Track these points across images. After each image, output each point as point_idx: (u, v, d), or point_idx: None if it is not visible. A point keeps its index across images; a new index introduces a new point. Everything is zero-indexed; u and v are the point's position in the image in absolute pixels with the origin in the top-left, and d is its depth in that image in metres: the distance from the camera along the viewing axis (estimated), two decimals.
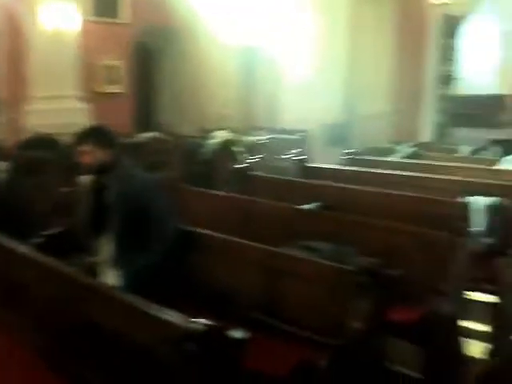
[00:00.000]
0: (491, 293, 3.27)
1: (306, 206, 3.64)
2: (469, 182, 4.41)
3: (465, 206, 3.51)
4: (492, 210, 3.42)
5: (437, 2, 8.92)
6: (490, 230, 3.39)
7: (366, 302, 2.15)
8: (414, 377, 2.82)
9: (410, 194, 4.00)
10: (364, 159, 5.85)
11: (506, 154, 5.92)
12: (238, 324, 1.79)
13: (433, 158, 6.03)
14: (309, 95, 8.70)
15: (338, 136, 8.43)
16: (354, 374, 2.23)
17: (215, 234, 2.92)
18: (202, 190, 4.21)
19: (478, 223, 3.45)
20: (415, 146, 6.61)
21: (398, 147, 6.51)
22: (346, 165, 5.65)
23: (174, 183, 3.89)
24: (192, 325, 1.70)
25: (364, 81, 9.28)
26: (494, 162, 5.73)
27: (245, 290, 2.59)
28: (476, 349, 3.23)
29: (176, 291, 2.61)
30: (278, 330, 2.41)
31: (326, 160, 6.41)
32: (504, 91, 14.66)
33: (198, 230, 2.96)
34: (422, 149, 6.67)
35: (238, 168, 4.86)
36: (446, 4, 9.12)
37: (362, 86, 9.25)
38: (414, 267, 2.84)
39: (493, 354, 3.20)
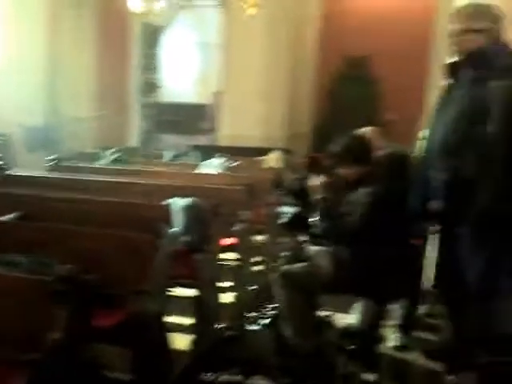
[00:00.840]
0: (192, 287, 3.54)
1: (3, 218, 3.37)
2: (171, 185, 4.66)
3: (166, 209, 3.71)
4: (189, 210, 3.67)
5: (137, 11, 9.16)
6: (188, 229, 3.64)
7: (66, 311, 2.10)
8: (126, 379, 2.87)
9: (115, 199, 4.05)
10: (69, 165, 5.69)
11: (204, 158, 6.43)
12: None
13: (138, 164, 6.20)
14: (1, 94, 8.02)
15: (41, 140, 7.98)
16: None
17: None
18: None
19: (178, 223, 3.67)
20: (121, 151, 6.68)
21: (104, 153, 6.51)
22: (50, 171, 5.42)
23: None
24: None
25: (70, 84, 9.02)
26: (194, 167, 6.17)
27: None
28: (182, 341, 3.44)
29: None
30: None
31: (31, 166, 6.05)
32: (203, 100, 15.93)
33: None
34: (128, 154, 6.80)
35: None
36: (146, 14, 9.44)
37: (67, 89, 8.97)
38: (118, 271, 2.88)
39: (196, 344, 3.45)
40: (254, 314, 3.84)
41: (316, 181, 3.38)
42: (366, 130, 3.63)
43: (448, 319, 3.34)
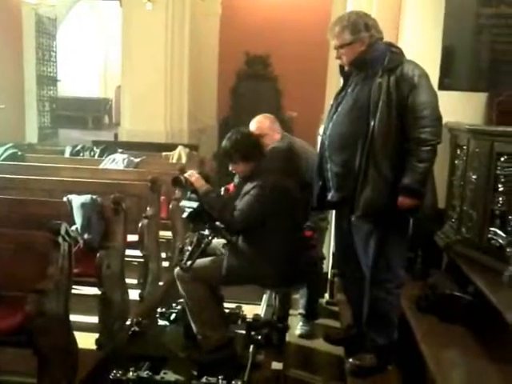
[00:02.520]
0: (96, 285, 3.47)
1: None
2: (72, 181, 4.54)
3: (65, 205, 3.62)
4: (88, 207, 3.59)
5: (32, 2, 8.75)
6: (88, 226, 3.57)
7: None
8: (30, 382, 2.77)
9: (12, 197, 3.90)
10: None
11: (107, 154, 6.28)
12: None
13: (37, 160, 5.96)
14: None
15: None
16: None
17: None
18: None
19: (79, 220, 3.59)
20: (18, 147, 6.37)
21: None
22: None
23: None
24: None
25: None
26: (96, 162, 6.02)
27: None
28: (88, 340, 3.37)
29: None
30: None
31: None
32: (107, 95, 15.52)
33: None
34: (26, 151, 6.51)
35: None
36: (41, 4, 9.03)
37: None
38: (15, 270, 2.80)
39: (100, 343, 3.40)
40: (163, 309, 3.83)
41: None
42: (257, 121, 3.74)
43: (347, 305, 3.52)
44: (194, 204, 3.20)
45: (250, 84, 11.02)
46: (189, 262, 3.21)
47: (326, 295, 4.58)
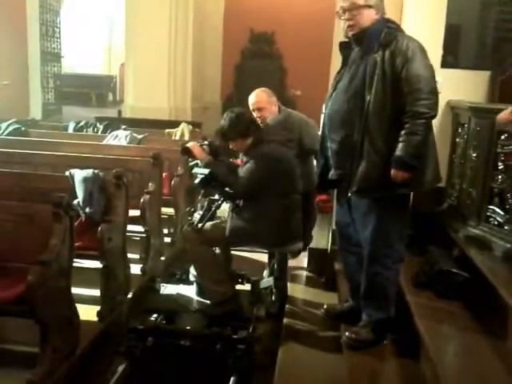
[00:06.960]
0: (98, 258, 3.52)
1: None
2: (74, 156, 4.57)
3: (68, 180, 3.65)
4: (90, 181, 3.62)
5: None
6: (90, 200, 3.60)
7: None
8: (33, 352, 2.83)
9: (16, 170, 3.94)
10: None
11: (111, 131, 6.30)
12: None
13: (40, 135, 5.99)
14: None
15: None
16: None
17: None
18: None
19: (81, 194, 3.62)
20: (21, 123, 6.40)
21: (2, 124, 6.19)
22: None
23: None
24: None
25: None
26: (99, 138, 6.05)
27: None
28: (90, 313, 3.43)
29: None
30: None
31: None
32: (111, 72, 15.48)
33: None
34: (30, 126, 6.53)
35: None
36: None
37: None
38: (16, 242, 2.84)
39: (101, 315, 3.46)
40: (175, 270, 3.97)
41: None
42: (256, 95, 3.97)
43: (345, 280, 3.55)
44: (206, 171, 3.43)
45: (254, 61, 10.93)
46: (200, 225, 3.51)
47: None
